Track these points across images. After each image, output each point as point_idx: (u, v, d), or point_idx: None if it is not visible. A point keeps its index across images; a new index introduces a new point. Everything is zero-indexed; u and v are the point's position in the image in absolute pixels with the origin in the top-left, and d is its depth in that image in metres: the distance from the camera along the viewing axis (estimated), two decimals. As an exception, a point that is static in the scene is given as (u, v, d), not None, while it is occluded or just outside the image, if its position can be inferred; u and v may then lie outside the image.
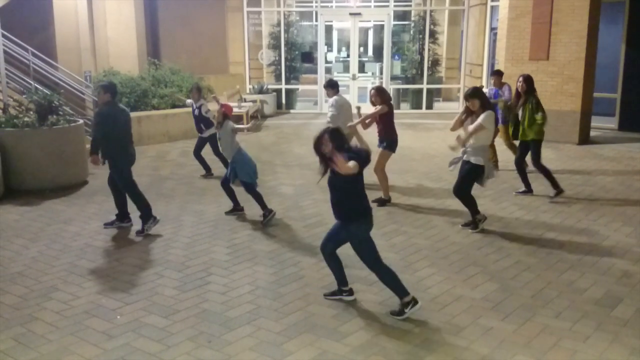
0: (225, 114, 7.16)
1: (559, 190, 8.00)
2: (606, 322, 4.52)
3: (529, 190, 8.18)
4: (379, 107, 7.49)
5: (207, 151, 9.47)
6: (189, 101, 9.84)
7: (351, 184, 4.47)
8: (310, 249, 6.13)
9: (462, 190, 6.63)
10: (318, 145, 4.48)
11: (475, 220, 6.71)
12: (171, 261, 5.85)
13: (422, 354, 4.08)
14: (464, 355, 4.07)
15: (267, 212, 7.00)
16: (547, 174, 8.05)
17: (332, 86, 8.30)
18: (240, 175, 7.00)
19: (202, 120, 9.30)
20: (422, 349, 4.14)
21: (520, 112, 8.01)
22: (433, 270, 5.55)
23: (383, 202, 7.73)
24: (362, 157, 4.42)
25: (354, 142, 4.87)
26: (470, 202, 6.68)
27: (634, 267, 5.64)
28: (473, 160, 6.46)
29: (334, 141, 4.43)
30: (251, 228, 6.86)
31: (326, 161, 4.48)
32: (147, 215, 6.71)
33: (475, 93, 6.46)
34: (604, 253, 6.00)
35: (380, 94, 7.55)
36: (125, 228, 6.86)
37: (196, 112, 9.30)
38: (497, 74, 9.69)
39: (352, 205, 4.56)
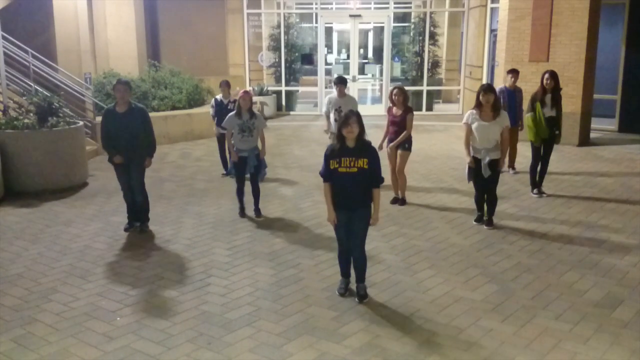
0: (252, 100, 7.22)
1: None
2: (606, 324, 4.52)
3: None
4: (407, 120, 7.54)
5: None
6: (218, 97, 9.53)
7: None
8: (310, 250, 6.13)
9: (496, 189, 6.82)
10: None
11: (492, 218, 6.89)
12: (171, 263, 5.84)
13: (422, 355, 4.08)
14: (464, 357, 4.06)
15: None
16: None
17: (344, 83, 8.47)
18: (263, 161, 7.27)
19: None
20: (422, 351, 4.13)
21: (546, 110, 7.96)
22: (433, 272, 5.55)
23: (404, 201, 7.84)
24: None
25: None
26: (496, 201, 6.90)
27: (635, 268, 5.64)
28: (497, 156, 6.63)
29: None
30: (251, 230, 6.86)
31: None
32: (147, 215, 6.93)
33: (492, 88, 6.64)
34: (604, 254, 5.99)
35: (404, 96, 7.61)
36: (122, 230, 6.85)
37: (230, 106, 9.06)
38: (515, 72, 9.50)
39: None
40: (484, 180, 6.71)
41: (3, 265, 5.79)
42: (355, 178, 4.68)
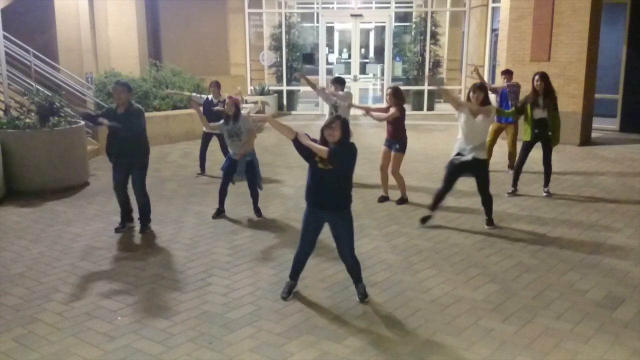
0: (237, 106, 7.16)
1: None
2: (607, 324, 4.52)
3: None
4: (392, 111, 7.55)
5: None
6: (204, 96, 9.66)
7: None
8: (311, 250, 6.12)
9: (488, 189, 6.76)
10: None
11: (492, 218, 6.86)
12: (172, 262, 5.85)
13: (423, 355, 4.08)
14: (464, 356, 4.07)
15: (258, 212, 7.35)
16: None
17: (340, 83, 8.68)
18: (258, 170, 7.20)
19: (220, 116, 9.31)
20: (423, 351, 4.13)
21: (537, 111, 7.97)
22: (434, 272, 5.55)
23: (405, 200, 7.90)
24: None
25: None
26: (491, 200, 6.84)
27: (636, 268, 5.63)
28: (484, 156, 6.64)
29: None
30: (252, 229, 6.86)
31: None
32: (149, 216, 6.87)
33: (483, 87, 6.62)
34: (606, 254, 5.99)
35: (395, 96, 7.62)
36: (124, 229, 6.86)
37: (220, 106, 9.18)
38: (509, 73, 9.67)
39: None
40: (456, 178, 6.71)
41: (4, 264, 5.80)
42: (330, 175, 4.66)
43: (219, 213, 7.33)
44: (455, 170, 6.66)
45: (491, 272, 5.53)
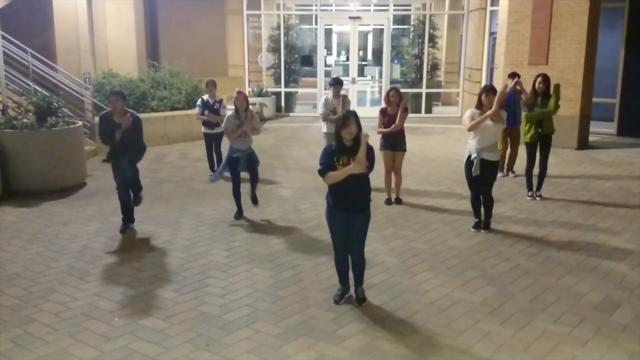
0: (248, 100, 7.21)
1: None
2: (605, 327, 4.52)
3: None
4: (400, 115, 7.69)
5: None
6: (205, 97, 9.56)
7: None
8: (309, 252, 6.12)
9: (491, 191, 6.77)
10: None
11: (489, 221, 6.87)
12: (169, 264, 5.84)
13: (421, 358, 4.07)
14: (462, 359, 4.06)
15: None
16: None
17: (340, 84, 8.77)
18: (256, 161, 7.24)
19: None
20: (421, 353, 4.13)
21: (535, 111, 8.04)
22: (432, 274, 5.54)
23: (401, 200, 8.04)
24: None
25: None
26: (492, 202, 6.87)
27: (633, 271, 5.64)
28: (494, 158, 6.65)
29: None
30: (250, 231, 6.85)
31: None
32: (140, 190, 7.09)
33: (494, 90, 6.64)
34: (603, 258, 6.00)
35: (400, 96, 7.79)
36: (128, 230, 6.86)
37: (216, 106, 9.24)
38: (516, 76, 9.62)
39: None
40: (479, 181, 6.72)
41: (1, 264, 5.78)
42: (354, 178, 4.61)
43: (240, 213, 7.32)
44: (473, 176, 6.68)
45: (489, 275, 5.54)
